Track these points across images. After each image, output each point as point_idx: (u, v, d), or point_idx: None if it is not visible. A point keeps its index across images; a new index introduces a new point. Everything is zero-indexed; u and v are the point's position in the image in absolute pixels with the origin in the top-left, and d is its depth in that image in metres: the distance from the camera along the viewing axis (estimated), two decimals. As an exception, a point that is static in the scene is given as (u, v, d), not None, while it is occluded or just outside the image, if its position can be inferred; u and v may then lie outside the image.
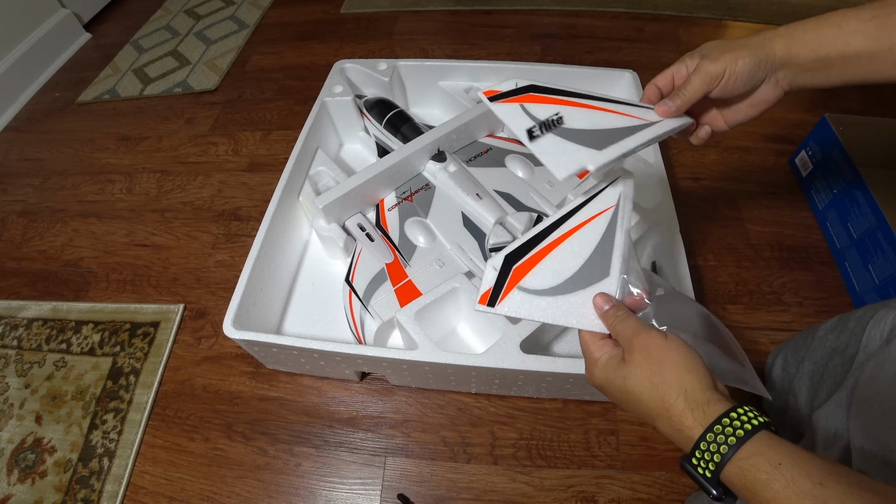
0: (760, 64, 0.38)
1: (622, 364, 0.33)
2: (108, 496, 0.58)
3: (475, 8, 1.29)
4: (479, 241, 0.67)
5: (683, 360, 0.31)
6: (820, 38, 0.37)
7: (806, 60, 0.38)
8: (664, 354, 0.31)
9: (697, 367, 0.30)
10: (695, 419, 0.29)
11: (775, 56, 0.38)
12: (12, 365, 0.71)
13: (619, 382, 0.33)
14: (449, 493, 0.57)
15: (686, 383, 0.30)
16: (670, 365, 0.31)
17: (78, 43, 1.33)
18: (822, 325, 0.50)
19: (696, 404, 0.29)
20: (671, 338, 0.32)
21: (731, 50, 0.38)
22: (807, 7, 1.23)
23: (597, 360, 0.35)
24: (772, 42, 0.38)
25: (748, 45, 0.38)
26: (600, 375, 0.34)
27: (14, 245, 0.87)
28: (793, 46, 0.38)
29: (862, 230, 0.69)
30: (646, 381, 0.31)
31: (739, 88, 0.40)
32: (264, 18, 1.35)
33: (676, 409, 0.29)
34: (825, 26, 0.37)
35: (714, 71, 0.38)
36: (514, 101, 0.48)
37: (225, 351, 0.70)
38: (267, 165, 0.94)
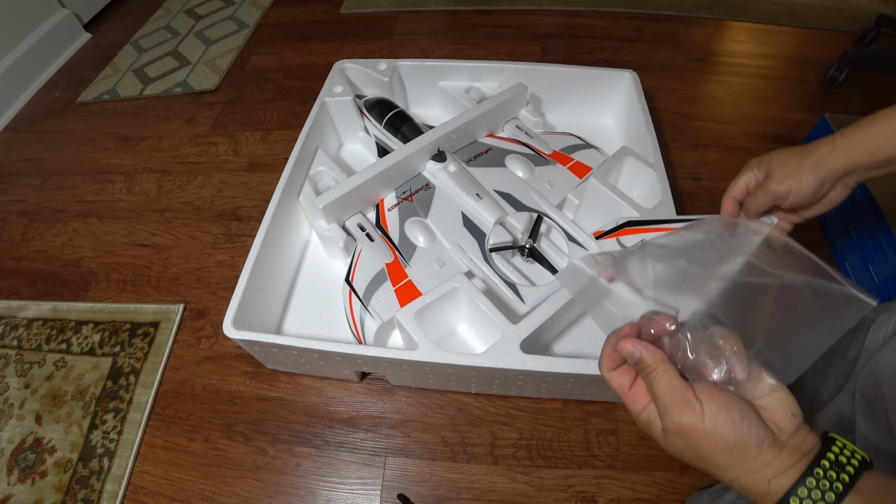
0: (823, 181, 0.40)
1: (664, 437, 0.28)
2: (108, 496, 0.58)
3: (475, 8, 1.29)
4: (479, 241, 0.67)
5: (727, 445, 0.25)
6: (878, 143, 0.38)
7: (869, 165, 0.39)
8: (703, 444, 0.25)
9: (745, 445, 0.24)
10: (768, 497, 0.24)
11: (837, 170, 0.40)
12: (12, 365, 0.71)
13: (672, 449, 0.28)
14: (449, 493, 0.57)
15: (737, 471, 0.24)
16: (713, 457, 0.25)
17: (78, 43, 1.33)
18: None
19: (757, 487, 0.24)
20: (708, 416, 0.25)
21: (795, 173, 0.41)
22: (807, 7, 1.23)
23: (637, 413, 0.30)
24: (832, 156, 0.40)
25: (809, 163, 0.40)
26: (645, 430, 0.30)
27: (14, 245, 0.87)
28: (853, 157, 0.39)
29: (862, 230, 0.69)
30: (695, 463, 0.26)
31: (806, 202, 0.42)
32: (264, 18, 1.35)
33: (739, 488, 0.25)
34: (879, 132, 0.38)
35: (779, 192, 0.41)
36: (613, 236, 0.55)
37: (225, 351, 0.70)
38: (267, 165, 0.94)
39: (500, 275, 0.64)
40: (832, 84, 1.02)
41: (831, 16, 1.21)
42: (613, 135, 0.90)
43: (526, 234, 0.67)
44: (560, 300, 0.56)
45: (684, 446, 0.26)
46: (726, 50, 1.14)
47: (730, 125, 0.95)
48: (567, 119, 0.92)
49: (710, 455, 0.25)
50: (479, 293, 0.57)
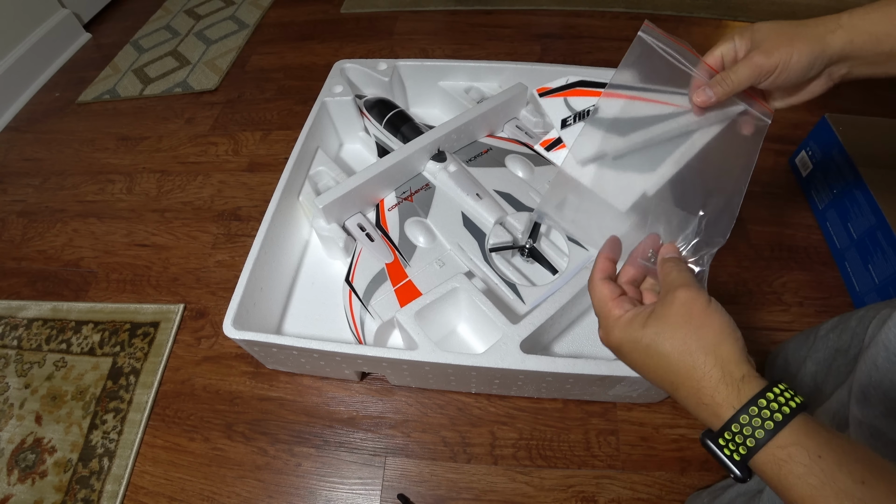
0: (816, 60, 0.36)
1: (653, 319, 0.29)
2: (108, 496, 0.58)
3: (475, 8, 1.29)
4: (479, 241, 0.67)
5: (724, 326, 0.28)
6: (888, 29, 0.34)
7: (869, 54, 0.35)
8: (706, 317, 0.28)
9: (736, 336, 0.28)
10: (727, 396, 0.26)
11: (833, 51, 0.35)
12: (12, 365, 0.71)
13: (646, 340, 0.29)
14: (449, 493, 0.57)
15: (724, 353, 0.27)
16: (710, 329, 0.28)
17: (78, 43, 1.33)
18: (823, 325, 0.50)
19: (732, 380, 0.26)
20: (714, 302, 0.29)
21: (787, 42, 0.35)
22: (807, 7, 1.23)
23: (619, 317, 0.31)
24: (832, 35, 0.35)
25: (805, 36, 0.35)
26: (621, 334, 0.31)
27: (14, 245, 0.87)
28: (856, 40, 0.35)
29: (862, 230, 0.69)
30: (679, 343, 0.28)
31: (789, 84, 0.37)
32: (264, 18, 1.35)
33: (709, 382, 0.27)
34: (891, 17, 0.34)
35: (766, 65, 0.36)
36: (560, 95, 0.51)
37: (225, 351, 0.70)
38: (267, 165, 0.94)
39: (500, 275, 0.64)
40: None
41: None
42: (613, 135, 0.90)
43: (526, 234, 0.67)
44: (560, 300, 0.56)
45: (685, 315, 0.28)
46: (726, 50, 1.14)
47: (730, 125, 0.95)
48: (567, 119, 0.92)
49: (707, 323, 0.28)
50: (479, 293, 0.57)
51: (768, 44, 0.36)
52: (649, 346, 0.29)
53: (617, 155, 0.42)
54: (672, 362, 0.28)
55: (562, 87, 0.56)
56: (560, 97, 0.55)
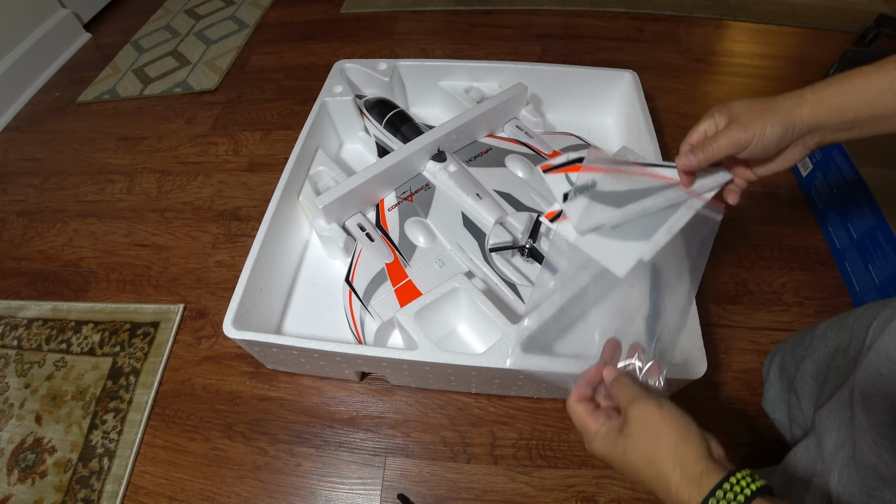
0: (788, 132, 0.39)
1: (620, 436, 0.33)
2: (108, 496, 0.58)
3: (475, 8, 1.29)
4: (479, 241, 0.67)
5: (678, 431, 0.31)
6: (847, 101, 0.37)
7: (834, 124, 0.38)
8: (659, 427, 0.32)
9: (691, 436, 0.31)
10: (690, 493, 0.29)
11: (803, 123, 0.39)
12: (12, 365, 0.71)
13: (618, 457, 0.33)
14: (449, 493, 0.57)
15: (681, 456, 0.30)
16: (665, 437, 0.31)
17: (78, 43, 1.33)
18: (820, 325, 0.50)
19: (691, 478, 0.29)
20: (665, 407, 0.32)
21: (761, 117, 0.39)
22: (807, 7, 1.23)
23: (595, 432, 0.35)
24: (799, 109, 0.39)
25: (777, 110, 0.39)
26: (600, 449, 0.35)
27: (14, 245, 0.87)
28: (820, 113, 0.38)
29: (862, 230, 0.69)
30: (644, 455, 0.32)
31: (766, 154, 0.41)
32: (264, 18, 1.35)
33: (673, 483, 0.30)
34: (851, 89, 0.37)
35: (743, 139, 0.40)
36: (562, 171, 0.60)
37: (225, 351, 0.70)
38: (267, 165, 0.94)
39: (500, 275, 0.64)
40: (832, 84, 1.02)
41: (831, 16, 1.21)
42: (613, 135, 0.90)
43: (526, 234, 0.67)
44: (560, 300, 0.56)
45: (642, 430, 0.32)
46: (726, 50, 1.14)
47: (730, 125, 0.95)
48: (567, 119, 0.92)
49: (663, 434, 0.31)
50: (479, 293, 0.57)
51: (744, 118, 0.40)
52: (622, 459, 0.33)
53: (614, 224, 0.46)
54: (643, 472, 0.32)
55: (563, 164, 0.64)
56: (562, 173, 0.63)
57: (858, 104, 0.37)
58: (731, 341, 0.67)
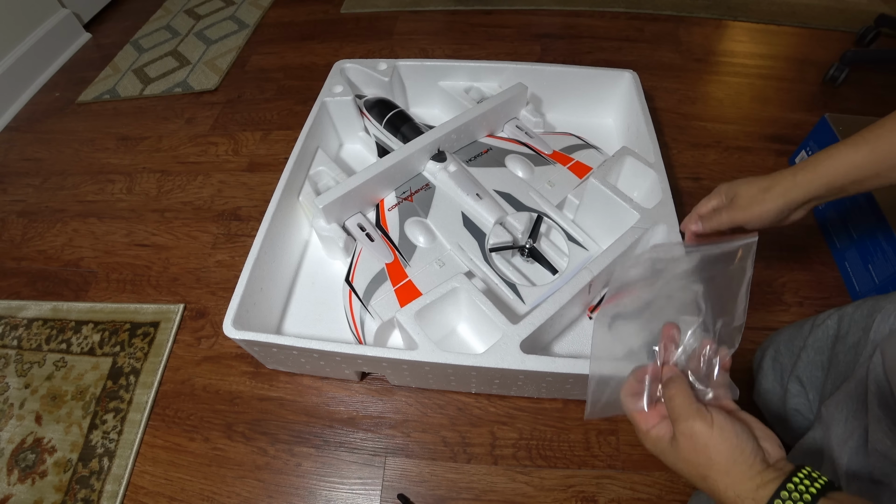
0: (784, 209, 0.45)
1: (669, 448, 0.33)
2: (108, 496, 0.58)
3: (475, 8, 1.29)
4: (479, 241, 0.67)
5: (730, 451, 0.30)
6: (834, 176, 0.43)
7: (826, 193, 0.44)
8: (709, 447, 0.31)
9: (744, 453, 0.30)
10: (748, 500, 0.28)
11: (798, 200, 0.44)
12: (12, 365, 0.71)
13: (669, 462, 0.33)
14: (449, 493, 0.57)
15: (733, 476, 0.29)
16: (715, 459, 0.30)
17: (78, 43, 1.33)
18: (819, 316, 0.50)
19: (747, 493, 0.28)
20: (717, 425, 0.31)
21: (758, 202, 0.45)
22: (806, 7, 1.23)
23: (645, 433, 0.35)
24: (793, 191, 0.44)
25: (773, 196, 0.45)
26: (651, 448, 0.35)
27: (14, 245, 0.87)
28: (811, 189, 0.44)
29: (862, 230, 0.69)
30: (695, 471, 0.31)
31: (768, 227, 0.46)
32: (264, 18, 1.35)
33: (728, 500, 0.29)
34: (831, 168, 0.43)
35: (742, 218, 0.46)
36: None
37: (225, 351, 0.70)
38: (267, 165, 0.94)
39: (500, 275, 0.64)
40: (832, 84, 1.02)
41: (831, 16, 1.21)
42: (613, 135, 0.90)
43: (526, 234, 0.67)
44: (560, 300, 0.56)
45: (691, 450, 0.31)
46: (726, 50, 1.14)
47: (730, 125, 0.95)
48: (567, 119, 0.92)
49: (713, 456, 0.30)
50: (479, 293, 0.57)
51: (743, 202, 0.46)
52: (673, 465, 0.33)
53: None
54: (695, 482, 0.32)
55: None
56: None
57: (844, 177, 0.43)
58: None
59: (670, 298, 0.42)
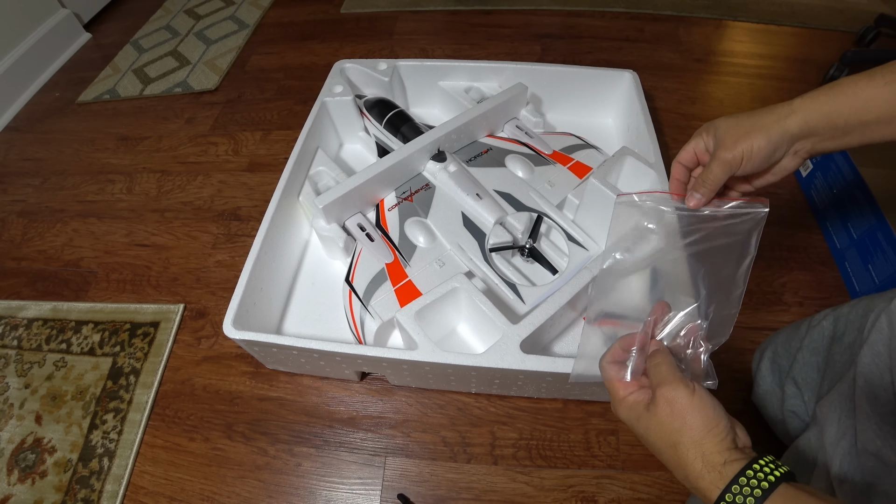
0: (776, 145, 0.39)
1: (645, 412, 0.33)
2: (108, 496, 0.58)
3: (475, 8, 1.29)
4: (479, 241, 0.67)
5: (705, 421, 0.31)
6: (837, 108, 0.37)
7: (825, 130, 0.38)
8: (686, 414, 0.31)
9: (719, 427, 0.30)
10: (712, 480, 0.29)
11: (791, 134, 0.39)
12: (12, 365, 0.71)
13: (640, 430, 0.33)
14: (449, 493, 0.57)
15: (705, 446, 0.30)
16: (690, 426, 0.31)
17: (78, 43, 1.33)
18: (815, 316, 0.50)
19: (713, 466, 0.29)
20: (697, 394, 0.32)
21: (746, 136, 0.39)
22: (806, 7, 1.23)
23: (621, 399, 0.35)
24: (787, 120, 0.38)
25: (762, 126, 0.39)
26: (624, 415, 0.35)
27: (14, 245, 0.87)
28: (810, 119, 0.38)
29: (862, 230, 0.69)
30: (665, 439, 0.31)
31: (758, 168, 0.41)
32: (264, 18, 1.35)
33: (693, 470, 0.30)
34: (840, 96, 0.37)
35: (731, 159, 0.40)
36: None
37: (225, 351, 0.70)
38: (267, 165, 0.94)
39: (500, 275, 0.64)
40: (832, 84, 1.02)
41: (831, 16, 1.21)
42: (613, 135, 0.90)
43: (526, 234, 0.67)
44: (560, 300, 0.56)
45: (668, 414, 0.32)
46: (726, 50, 1.14)
47: (730, 125, 0.95)
48: (567, 119, 0.92)
49: (689, 422, 0.31)
50: (479, 293, 0.57)
51: (728, 140, 0.40)
52: (644, 433, 0.33)
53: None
54: (663, 454, 0.32)
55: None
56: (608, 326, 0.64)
57: (849, 110, 0.37)
58: (730, 341, 0.65)
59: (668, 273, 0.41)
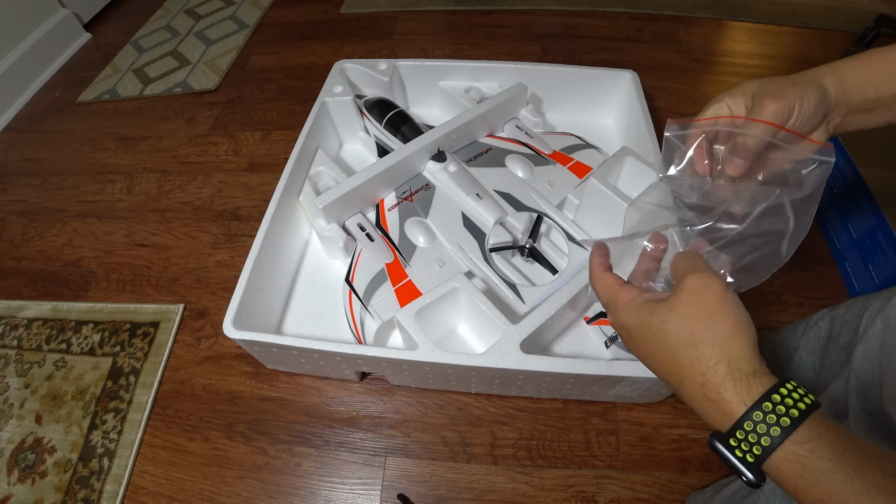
0: (822, 103, 0.35)
1: (661, 306, 0.28)
2: (108, 496, 0.58)
3: (475, 8, 1.29)
4: (479, 241, 0.67)
5: (737, 319, 0.26)
6: (868, 75, 0.35)
7: (856, 101, 0.35)
8: (718, 307, 0.26)
9: (750, 332, 0.26)
10: (736, 392, 0.24)
11: (829, 95, 0.35)
12: (12, 365, 0.71)
13: (654, 328, 0.28)
14: (449, 493, 0.57)
15: (733, 348, 0.25)
16: (722, 322, 0.26)
17: (78, 43, 1.33)
18: (812, 316, 0.50)
19: (741, 374, 0.25)
20: (731, 293, 0.27)
21: (791, 86, 0.34)
22: (806, 7, 1.23)
23: (628, 301, 0.30)
24: (824, 78, 0.35)
25: (806, 80, 0.35)
26: (628, 318, 0.30)
27: (14, 245, 0.87)
28: (843, 84, 0.35)
29: (862, 230, 0.69)
30: (687, 332, 0.26)
31: (807, 127, 0.35)
32: (264, 18, 1.35)
33: (714, 377, 0.25)
34: (872, 64, 0.35)
35: (783, 108, 0.34)
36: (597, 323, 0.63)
37: (225, 351, 0.70)
38: (267, 165, 0.94)
39: (500, 275, 0.64)
40: (832, 84, 1.02)
41: (831, 16, 1.21)
42: (613, 135, 0.90)
43: (526, 234, 0.67)
44: (560, 300, 0.56)
45: (696, 303, 0.27)
46: (726, 50, 1.14)
47: (730, 125, 0.95)
48: (567, 119, 0.92)
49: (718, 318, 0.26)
50: (479, 293, 0.57)
51: (775, 91, 0.34)
52: (656, 334, 0.28)
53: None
54: (678, 353, 0.26)
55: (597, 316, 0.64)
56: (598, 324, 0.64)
57: (880, 79, 0.34)
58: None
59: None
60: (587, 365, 0.50)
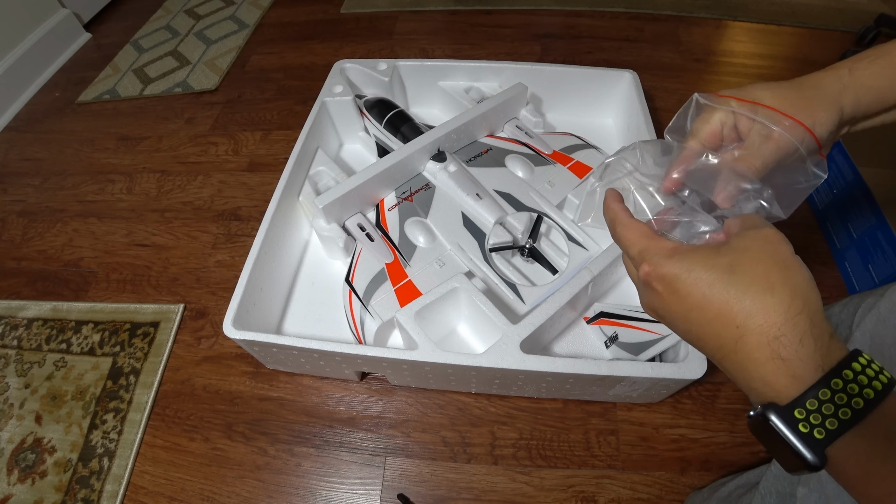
0: (836, 122, 0.31)
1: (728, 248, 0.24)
2: (108, 496, 0.58)
3: (475, 8, 1.29)
4: (479, 241, 0.67)
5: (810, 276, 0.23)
6: (889, 83, 0.31)
7: (873, 111, 0.32)
8: (793, 259, 0.23)
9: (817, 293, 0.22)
10: (817, 351, 0.20)
11: (845, 116, 0.31)
12: (12, 365, 0.71)
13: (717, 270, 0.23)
14: (449, 493, 0.57)
15: (813, 301, 0.21)
16: (799, 273, 0.22)
17: (78, 43, 1.33)
18: None
19: (822, 333, 0.21)
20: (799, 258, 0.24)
21: (804, 109, 0.30)
22: (806, 7, 1.23)
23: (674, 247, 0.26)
24: (841, 97, 0.31)
25: (820, 101, 0.31)
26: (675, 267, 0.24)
27: (14, 245, 0.87)
28: (862, 99, 0.31)
29: (862, 230, 0.69)
30: (761, 276, 0.22)
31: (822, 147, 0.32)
32: (264, 18, 1.35)
33: (793, 329, 0.21)
34: (890, 68, 0.30)
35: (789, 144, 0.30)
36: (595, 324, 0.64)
37: (225, 351, 0.70)
38: (267, 165, 0.94)
39: (500, 275, 0.64)
40: (832, 84, 1.02)
41: (831, 16, 1.21)
42: (613, 135, 0.90)
43: (526, 234, 0.67)
44: (560, 300, 0.56)
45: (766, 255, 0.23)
46: (726, 50, 1.14)
47: (730, 125, 0.95)
48: (567, 119, 0.92)
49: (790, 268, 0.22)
50: (479, 293, 0.57)
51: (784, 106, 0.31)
52: (717, 279, 0.23)
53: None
54: (744, 299, 0.22)
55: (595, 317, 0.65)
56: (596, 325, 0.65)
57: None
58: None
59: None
60: (587, 365, 0.51)
